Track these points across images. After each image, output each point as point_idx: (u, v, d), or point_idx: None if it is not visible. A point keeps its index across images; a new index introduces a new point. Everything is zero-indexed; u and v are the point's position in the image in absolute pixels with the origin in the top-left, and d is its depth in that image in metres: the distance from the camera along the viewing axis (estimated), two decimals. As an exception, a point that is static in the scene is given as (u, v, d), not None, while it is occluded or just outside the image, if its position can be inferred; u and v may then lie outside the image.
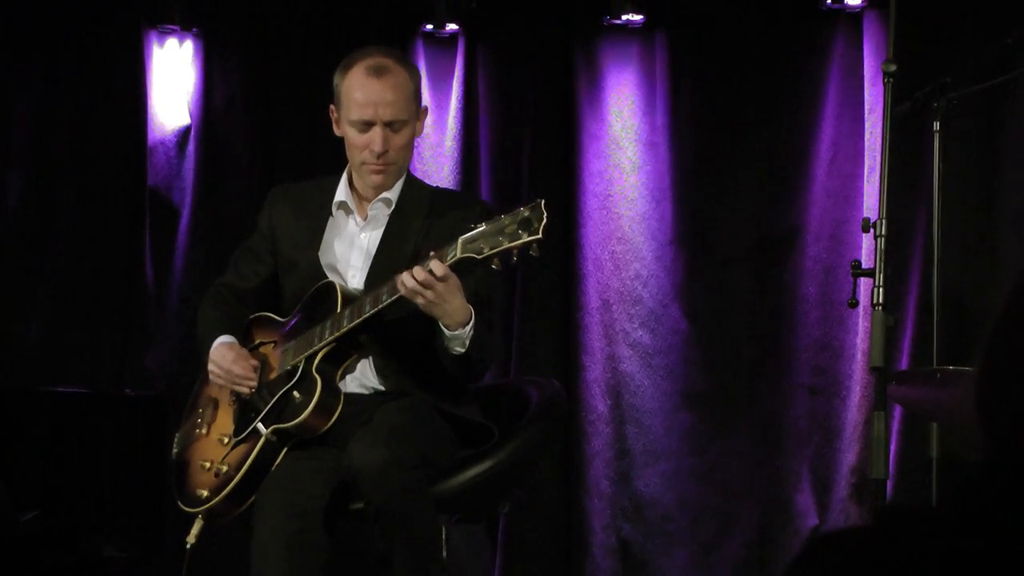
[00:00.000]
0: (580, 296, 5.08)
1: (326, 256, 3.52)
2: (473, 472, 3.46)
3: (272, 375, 3.49)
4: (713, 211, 5.10)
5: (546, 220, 3.03)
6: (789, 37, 5.07)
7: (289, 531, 3.29)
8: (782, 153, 5.07)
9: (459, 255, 3.13)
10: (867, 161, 4.94)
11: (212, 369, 3.52)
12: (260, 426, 3.42)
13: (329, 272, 3.51)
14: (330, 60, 3.68)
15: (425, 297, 3.16)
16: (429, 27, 5.16)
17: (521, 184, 5.15)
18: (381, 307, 3.28)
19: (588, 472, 5.03)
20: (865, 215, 4.33)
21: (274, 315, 3.60)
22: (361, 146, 3.45)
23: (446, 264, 3.14)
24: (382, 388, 3.46)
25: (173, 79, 5.20)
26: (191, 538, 3.46)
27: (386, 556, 3.29)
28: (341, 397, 3.41)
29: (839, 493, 4.90)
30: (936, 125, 3.77)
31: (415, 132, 3.52)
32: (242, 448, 3.45)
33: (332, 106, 3.53)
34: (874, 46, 4.94)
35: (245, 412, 3.49)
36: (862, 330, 4.87)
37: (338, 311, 3.39)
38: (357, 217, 3.54)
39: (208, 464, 3.49)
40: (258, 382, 3.48)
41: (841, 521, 4.87)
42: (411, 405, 3.39)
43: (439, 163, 5.13)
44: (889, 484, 3.44)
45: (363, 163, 3.47)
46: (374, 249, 3.50)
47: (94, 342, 5.06)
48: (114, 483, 4.57)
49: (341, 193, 3.55)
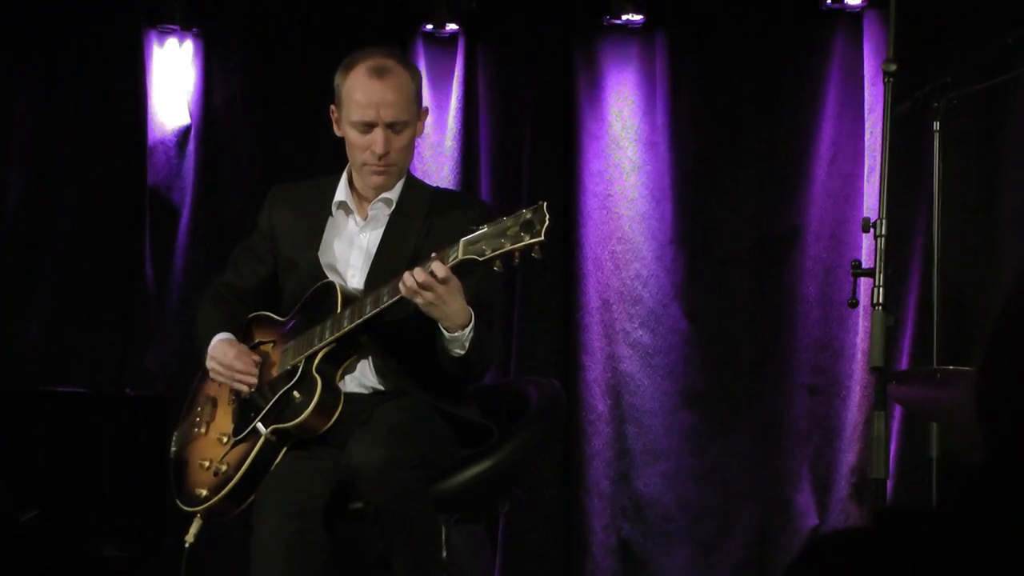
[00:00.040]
0: (580, 296, 5.08)
1: (326, 256, 3.52)
2: (473, 472, 3.46)
3: (272, 374, 3.49)
4: (713, 211, 5.09)
5: (548, 222, 3.03)
6: (789, 37, 5.07)
7: (288, 531, 3.29)
8: (782, 153, 5.07)
9: (461, 257, 3.13)
10: (867, 161, 4.94)
11: (212, 365, 3.51)
12: (260, 426, 3.41)
13: (329, 272, 3.50)
14: (330, 60, 3.67)
15: (425, 298, 3.16)
16: (429, 27, 5.16)
17: (521, 184, 5.15)
18: (382, 308, 3.27)
19: (588, 472, 5.03)
20: (865, 215, 4.32)
21: (273, 314, 3.59)
22: (362, 147, 3.45)
23: (448, 265, 3.14)
24: (382, 388, 3.46)
25: (173, 79, 5.20)
26: (190, 537, 3.45)
27: (386, 556, 3.28)
28: (341, 397, 3.41)
29: (839, 493, 4.89)
30: (936, 125, 3.77)
31: (416, 133, 3.52)
32: (241, 447, 3.44)
33: (333, 106, 3.52)
34: (874, 46, 4.94)
35: (244, 411, 3.48)
36: (862, 330, 4.86)
37: (338, 311, 3.38)
38: (357, 217, 3.54)
39: (207, 463, 3.48)
40: (258, 380, 3.48)
41: (841, 521, 4.87)
42: (411, 405, 3.38)
43: (439, 163, 5.13)
44: (889, 484, 3.44)
45: (364, 164, 3.47)
46: (374, 249, 3.50)
47: (94, 342, 5.05)
48: (114, 483, 4.57)
49: (341, 193, 3.54)
